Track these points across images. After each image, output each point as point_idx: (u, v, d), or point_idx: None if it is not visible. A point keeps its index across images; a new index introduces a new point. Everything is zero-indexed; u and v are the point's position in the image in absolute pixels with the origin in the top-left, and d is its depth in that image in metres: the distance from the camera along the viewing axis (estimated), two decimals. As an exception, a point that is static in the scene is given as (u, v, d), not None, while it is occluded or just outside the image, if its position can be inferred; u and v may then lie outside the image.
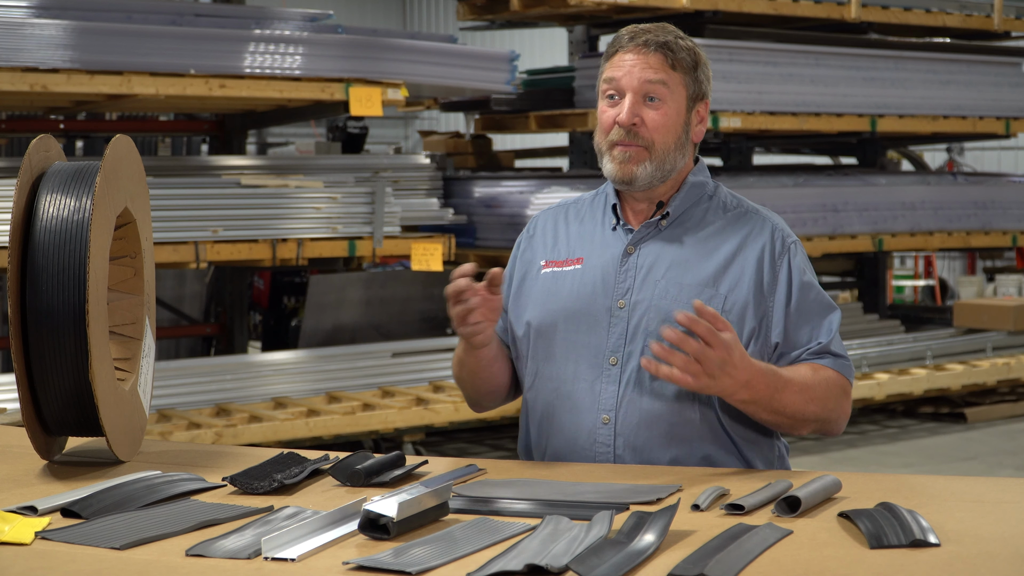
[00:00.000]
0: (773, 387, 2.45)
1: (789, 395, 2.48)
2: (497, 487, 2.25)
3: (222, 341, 7.91)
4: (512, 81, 7.29)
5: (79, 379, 2.33)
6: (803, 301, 2.56)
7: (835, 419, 2.58)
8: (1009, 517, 2.04)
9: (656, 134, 2.56)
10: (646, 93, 2.55)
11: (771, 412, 2.49)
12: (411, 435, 6.78)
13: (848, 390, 2.58)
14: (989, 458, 7.40)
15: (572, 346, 2.59)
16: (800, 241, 2.64)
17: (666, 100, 2.56)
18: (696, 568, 1.75)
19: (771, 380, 2.45)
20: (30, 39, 5.68)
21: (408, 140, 18.35)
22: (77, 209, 2.35)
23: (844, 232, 8.27)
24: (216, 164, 7.08)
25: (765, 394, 2.45)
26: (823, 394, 2.53)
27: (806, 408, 2.51)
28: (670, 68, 2.56)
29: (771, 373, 2.46)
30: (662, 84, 2.56)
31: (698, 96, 2.62)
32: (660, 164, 2.57)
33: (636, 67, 2.56)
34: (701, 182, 2.66)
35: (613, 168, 2.58)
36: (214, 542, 1.92)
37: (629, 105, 2.55)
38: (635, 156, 2.56)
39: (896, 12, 8.52)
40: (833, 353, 2.56)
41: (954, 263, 15.00)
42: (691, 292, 2.54)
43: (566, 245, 2.69)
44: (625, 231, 2.64)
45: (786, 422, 2.53)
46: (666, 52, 2.56)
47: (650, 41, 2.56)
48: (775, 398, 2.46)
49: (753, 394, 2.43)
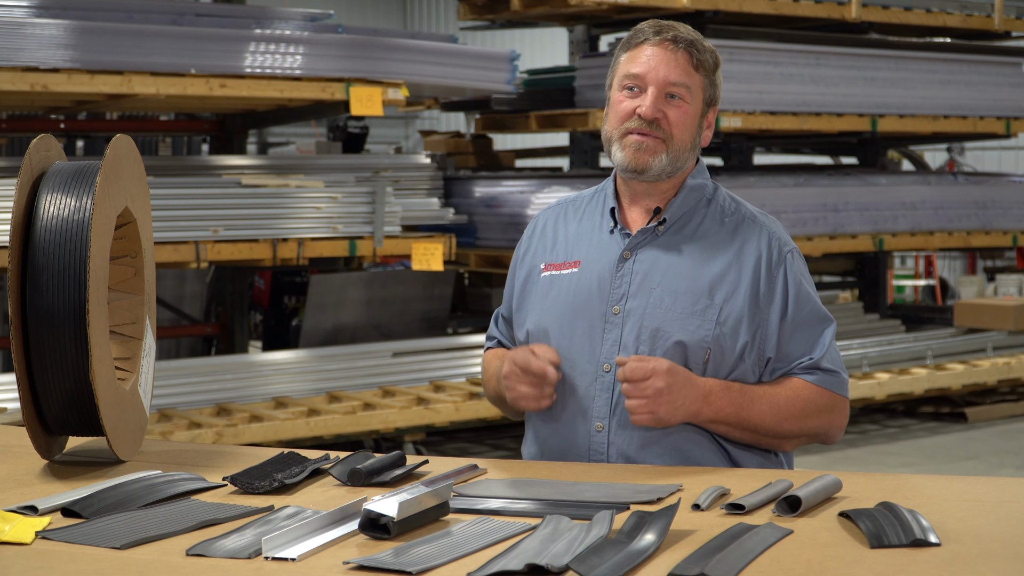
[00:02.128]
0: (738, 404, 2.47)
1: (758, 412, 2.48)
2: (498, 487, 2.25)
3: (223, 341, 7.91)
4: (513, 81, 7.29)
5: (79, 379, 2.33)
6: (798, 314, 2.55)
7: (823, 434, 2.57)
8: (1010, 517, 2.04)
9: (676, 130, 2.55)
10: (668, 92, 2.54)
11: (742, 430, 2.50)
12: (412, 435, 6.79)
13: (839, 404, 2.56)
14: (989, 458, 7.40)
15: (568, 351, 2.57)
16: (798, 248, 2.62)
17: (687, 100, 2.55)
18: (697, 568, 1.75)
19: (734, 396, 2.46)
20: (31, 39, 5.68)
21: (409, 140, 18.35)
22: (77, 209, 2.35)
23: (845, 232, 8.28)
24: (217, 164, 7.08)
25: (730, 411, 2.46)
26: (800, 411, 2.52)
27: (780, 426, 2.51)
28: (694, 69, 2.55)
29: (734, 389, 2.47)
30: (685, 86, 2.54)
31: (712, 100, 2.61)
32: (674, 160, 2.56)
33: (662, 63, 2.54)
34: (700, 185, 2.64)
35: (625, 156, 2.55)
36: (214, 542, 1.92)
37: (652, 99, 2.53)
38: (652, 147, 2.54)
39: (897, 12, 8.52)
40: (823, 369, 2.54)
41: (954, 263, 15.00)
42: (685, 301, 2.53)
43: (564, 246, 2.67)
44: (622, 235, 2.62)
45: (764, 440, 2.53)
46: (692, 52, 2.55)
47: (679, 38, 2.55)
48: (742, 416, 2.48)
49: (716, 412, 2.45)
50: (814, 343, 2.55)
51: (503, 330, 2.79)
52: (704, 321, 2.50)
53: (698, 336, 2.50)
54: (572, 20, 8.25)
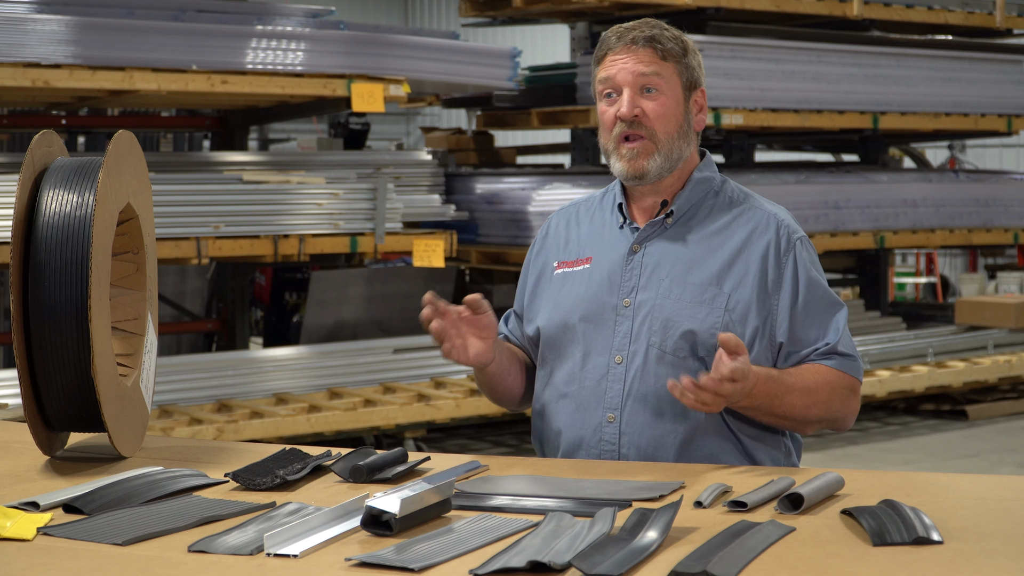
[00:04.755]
0: (774, 394, 2.48)
1: (791, 400, 2.50)
2: (500, 484, 2.25)
3: (223, 337, 7.91)
4: (514, 78, 7.30)
5: (81, 375, 2.33)
6: (809, 300, 2.56)
7: (841, 418, 2.60)
8: (1012, 515, 2.04)
9: (658, 123, 2.57)
10: (642, 85, 2.57)
11: (772, 416, 2.52)
12: (412, 431, 6.79)
13: (856, 388, 2.59)
14: (990, 455, 7.40)
15: (579, 345, 2.60)
16: (806, 236, 2.64)
17: (662, 90, 2.58)
18: (699, 565, 1.75)
19: (772, 387, 2.47)
20: (32, 35, 5.68)
21: (410, 136, 18.34)
22: (79, 205, 2.34)
23: (846, 229, 8.27)
24: (218, 160, 7.08)
25: (765, 400, 2.48)
26: (826, 397, 2.54)
27: (808, 412, 2.53)
28: (661, 59, 2.58)
29: (772, 380, 2.48)
30: (656, 75, 2.58)
31: (693, 84, 2.63)
32: (667, 155, 2.59)
33: (628, 63, 2.58)
34: (707, 177, 2.67)
35: (623, 166, 2.59)
36: (216, 538, 1.92)
37: (628, 98, 2.57)
38: (643, 150, 2.57)
39: (898, 9, 8.51)
40: (840, 353, 2.56)
41: (956, 260, 14.99)
42: (694, 290, 2.55)
43: (577, 245, 2.71)
44: (631, 229, 2.65)
45: (789, 424, 2.56)
46: (655, 45, 2.59)
47: (637, 38, 2.59)
48: (775, 404, 2.49)
49: (753, 401, 2.47)
50: (827, 328, 2.57)
51: (513, 327, 2.81)
52: (713, 309, 2.53)
53: (707, 324, 2.52)
54: (573, 17, 8.25)
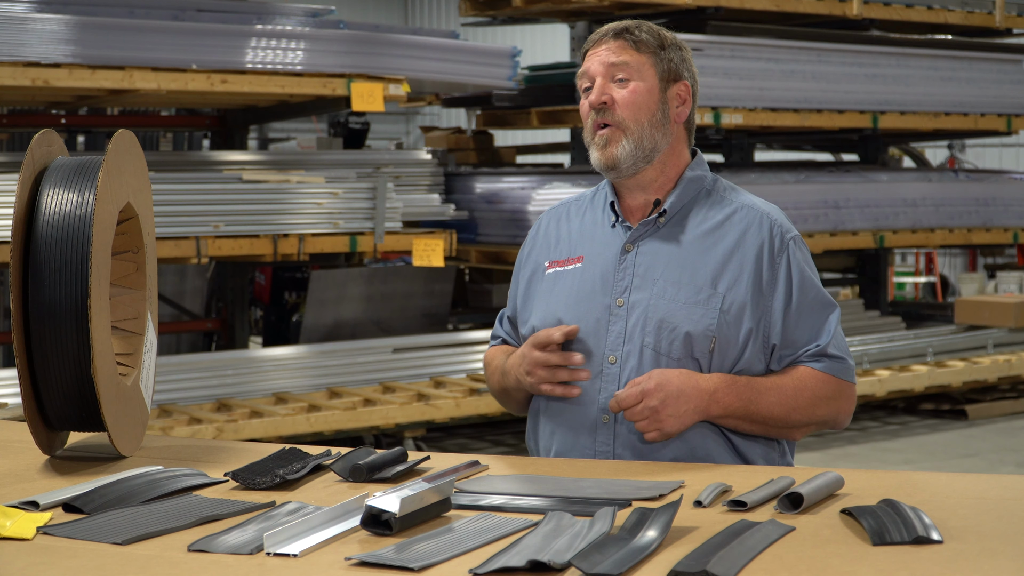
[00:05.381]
0: (746, 398, 2.49)
1: (767, 404, 2.50)
2: (499, 483, 2.25)
3: (223, 336, 7.91)
4: (514, 77, 7.30)
5: (81, 374, 2.33)
6: (802, 301, 2.56)
7: (830, 422, 2.59)
8: (1012, 514, 2.04)
9: (626, 111, 2.58)
10: (612, 75, 2.60)
11: (752, 422, 2.52)
12: (412, 431, 6.79)
13: (846, 391, 2.58)
14: (990, 455, 7.40)
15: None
16: (800, 235, 2.63)
17: (632, 78, 2.59)
18: (699, 565, 1.75)
19: (742, 391, 2.48)
20: (32, 34, 5.68)
21: (409, 136, 18.35)
22: (79, 204, 2.34)
23: (845, 229, 8.28)
24: (217, 159, 7.08)
25: (738, 405, 2.48)
26: (808, 401, 2.53)
27: (790, 416, 2.53)
28: (633, 50, 2.60)
29: (741, 383, 2.49)
30: (625, 64, 2.59)
31: (671, 76, 2.63)
32: (638, 142, 2.58)
33: (601, 55, 2.61)
34: (699, 176, 2.66)
35: (596, 155, 2.60)
36: (216, 537, 1.92)
37: (598, 86, 2.59)
38: (611, 137, 2.58)
39: (898, 9, 8.52)
40: (830, 355, 2.56)
41: (955, 260, 15.00)
42: (689, 291, 2.54)
43: (568, 243, 2.69)
44: (624, 228, 2.64)
45: (773, 431, 2.56)
46: (625, 36, 2.61)
47: (609, 31, 2.63)
48: (751, 409, 2.49)
49: (724, 408, 2.48)
50: (819, 329, 2.56)
51: (508, 330, 2.80)
52: (708, 310, 2.52)
53: (702, 325, 2.51)
54: (573, 16, 8.25)
